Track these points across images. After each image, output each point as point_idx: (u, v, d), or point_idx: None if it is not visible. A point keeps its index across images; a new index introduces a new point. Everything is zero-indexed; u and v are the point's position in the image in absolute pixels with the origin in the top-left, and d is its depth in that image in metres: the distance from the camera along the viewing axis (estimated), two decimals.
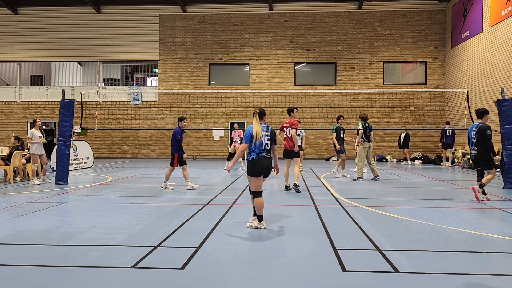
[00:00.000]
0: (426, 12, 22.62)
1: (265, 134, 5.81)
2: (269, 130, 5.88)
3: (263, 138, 5.77)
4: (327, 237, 5.26)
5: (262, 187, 5.85)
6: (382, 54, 22.75)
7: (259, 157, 5.76)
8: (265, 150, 5.81)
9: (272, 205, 7.86)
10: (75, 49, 24.01)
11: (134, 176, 13.31)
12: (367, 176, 13.35)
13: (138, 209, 7.28)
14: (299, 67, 23.25)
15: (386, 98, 22.18)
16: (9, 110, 24.28)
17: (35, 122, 11.35)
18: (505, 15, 16.23)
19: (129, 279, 3.76)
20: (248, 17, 23.19)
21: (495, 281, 3.79)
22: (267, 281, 3.74)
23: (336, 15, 22.90)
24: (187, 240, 5.12)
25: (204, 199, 8.25)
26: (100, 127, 22.56)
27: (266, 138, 5.81)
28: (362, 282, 3.71)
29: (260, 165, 5.73)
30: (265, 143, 5.80)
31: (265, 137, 5.80)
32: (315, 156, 22.62)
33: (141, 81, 31.28)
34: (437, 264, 4.22)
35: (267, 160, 5.80)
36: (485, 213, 7.02)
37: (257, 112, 5.87)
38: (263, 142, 5.77)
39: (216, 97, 22.95)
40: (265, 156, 5.80)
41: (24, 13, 24.12)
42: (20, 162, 11.79)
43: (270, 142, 5.86)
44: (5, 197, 8.76)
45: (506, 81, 16.27)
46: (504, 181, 10.28)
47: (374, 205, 7.70)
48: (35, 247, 4.85)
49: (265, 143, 5.80)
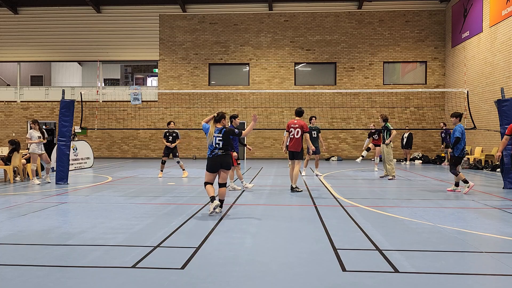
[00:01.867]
0: (426, 12, 22.62)
1: (217, 136, 6.81)
2: (222, 132, 6.84)
3: (214, 138, 6.80)
4: (327, 237, 5.26)
5: (212, 179, 6.91)
6: (382, 54, 22.75)
7: (212, 155, 6.83)
8: (217, 148, 6.81)
9: (272, 205, 7.87)
10: (75, 49, 24.01)
11: (134, 176, 13.31)
12: (368, 176, 13.36)
13: (138, 209, 7.28)
14: (299, 67, 23.26)
15: (386, 98, 22.17)
16: (9, 110, 24.29)
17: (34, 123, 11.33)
18: (505, 15, 16.24)
19: (129, 279, 3.76)
20: (248, 17, 23.19)
21: (495, 281, 3.79)
22: (267, 281, 3.74)
23: (336, 15, 22.90)
24: (187, 240, 5.12)
25: (204, 199, 8.24)
26: (100, 127, 22.56)
27: (218, 138, 6.81)
28: (362, 282, 3.71)
29: (212, 163, 6.82)
30: (216, 143, 6.80)
31: (217, 138, 6.81)
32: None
33: (141, 81, 31.28)
34: (437, 264, 4.22)
35: (220, 157, 6.81)
36: (485, 213, 7.02)
37: (214, 116, 6.99)
38: (214, 142, 6.80)
39: (216, 97, 22.96)
40: (218, 154, 6.82)
41: (24, 13, 24.12)
42: (20, 162, 11.78)
43: (222, 142, 6.81)
44: (5, 197, 8.76)
45: (506, 81, 16.27)
46: (504, 181, 10.27)
47: (374, 205, 7.70)
48: (35, 247, 4.85)
49: (216, 142, 6.80)
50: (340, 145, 22.90)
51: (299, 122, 9.47)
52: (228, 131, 6.85)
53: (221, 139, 6.81)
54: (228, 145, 6.90)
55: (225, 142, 6.85)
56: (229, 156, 6.92)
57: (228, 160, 6.89)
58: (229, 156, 6.92)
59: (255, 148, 22.76)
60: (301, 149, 9.44)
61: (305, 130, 9.37)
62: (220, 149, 6.84)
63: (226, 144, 6.87)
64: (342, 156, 22.63)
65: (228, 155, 6.89)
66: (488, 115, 17.28)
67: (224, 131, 6.84)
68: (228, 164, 6.89)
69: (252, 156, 22.97)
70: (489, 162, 16.67)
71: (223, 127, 6.92)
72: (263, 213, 7.04)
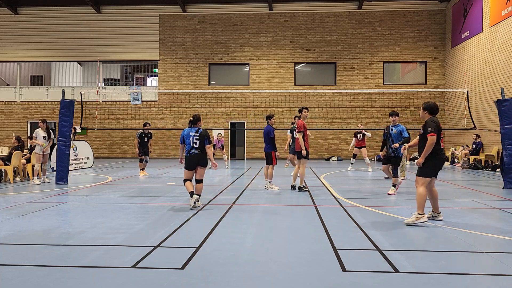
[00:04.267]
0: (426, 12, 22.62)
1: (193, 135, 7.32)
2: (199, 132, 7.33)
3: (191, 138, 7.30)
4: (327, 237, 5.26)
5: (191, 176, 7.44)
6: (382, 54, 22.75)
7: (189, 154, 7.35)
8: (194, 147, 7.31)
9: (272, 205, 7.87)
10: (75, 49, 24.01)
11: (134, 176, 13.31)
12: (368, 176, 13.35)
13: (138, 209, 7.28)
14: (299, 67, 23.26)
15: (386, 98, 22.17)
16: (9, 110, 24.29)
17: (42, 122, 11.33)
18: (505, 15, 16.24)
19: (129, 279, 3.76)
20: (248, 17, 23.20)
21: (495, 281, 3.79)
22: (267, 281, 3.74)
23: (336, 15, 22.91)
24: (187, 240, 5.12)
25: (204, 199, 8.24)
26: (100, 127, 22.56)
27: (195, 137, 7.31)
28: (362, 282, 3.71)
29: (189, 161, 7.34)
30: (193, 142, 7.29)
31: (194, 137, 7.31)
32: (315, 156, 22.60)
33: (141, 81, 31.28)
34: (437, 264, 4.22)
35: (196, 156, 7.31)
36: (485, 213, 7.02)
37: (190, 119, 7.53)
38: (191, 141, 7.29)
39: (216, 97, 22.96)
40: (195, 153, 7.32)
41: (24, 13, 24.12)
42: (20, 162, 11.78)
43: (199, 141, 7.28)
44: (5, 197, 8.76)
45: (506, 81, 16.27)
46: (504, 181, 10.27)
47: (374, 205, 7.70)
48: (35, 247, 4.85)
49: (193, 141, 7.29)
50: (340, 145, 22.90)
51: (298, 122, 9.56)
52: (204, 132, 7.37)
53: (198, 138, 7.31)
54: (204, 145, 7.35)
55: (201, 141, 7.32)
56: (205, 154, 7.38)
57: (204, 159, 7.38)
58: (205, 155, 7.38)
59: (255, 148, 22.76)
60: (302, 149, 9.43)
61: (298, 129, 9.41)
62: (197, 148, 7.33)
63: (202, 144, 7.33)
64: (342, 156, 22.62)
65: (203, 154, 7.37)
66: (488, 115, 17.28)
67: (200, 131, 7.38)
68: (203, 163, 7.39)
69: (252, 156, 22.97)
70: (489, 162, 16.67)
71: (199, 128, 7.46)
72: (263, 213, 7.04)
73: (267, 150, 9.94)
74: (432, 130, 5.86)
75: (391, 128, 9.44)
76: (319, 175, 13.59)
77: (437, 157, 5.97)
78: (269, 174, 9.93)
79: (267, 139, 9.90)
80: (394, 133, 9.32)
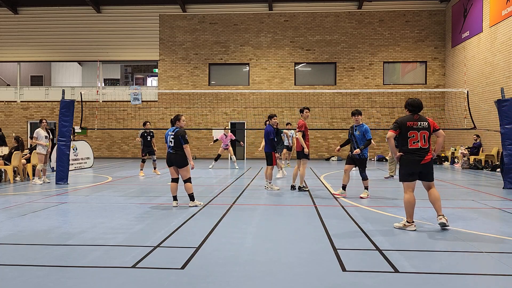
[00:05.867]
0: (426, 12, 22.62)
1: (170, 135, 7.39)
2: (174, 132, 7.39)
3: (168, 137, 7.42)
4: (327, 237, 5.26)
5: (175, 175, 7.51)
6: (382, 54, 22.75)
7: (168, 152, 7.49)
8: (170, 147, 7.41)
9: (272, 205, 7.87)
10: (75, 49, 24.01)
11: (134, 176, 13.31)
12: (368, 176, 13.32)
13: (138, 209, 7.28)
14: (299, 67, 23.26)
15: (386, 98, 22.17)
16: (9, 110, 24.29)
17: (41, 122, 11.33)
18: (505, 15, 16.23)
19: (129, 279, 3.76)
20: (248, 17, 23.20)
21: (495, 281, 3.79)
22: (267, 281, 3.74)
23: (336, 15, 22.90)
24: (187, 240, 5.12)
25: (204, 199, 8.24)
26: (100, 127, 22.56)
27: (171, 137, 7.38)
28: (362, 282, 3.71)
29: (167, 160, 7.49)
30: (170, 141, 7.40)
31: (170, 136, 7.39)
32: (315, 156, 22.61)
33: (141, 81, 31.28)
34: (437, 264, 4.22)
35: (171, 155, 7.39)
36: (485, 213, 7.02)
37: (171, 119, 7.61)
38: (168, 141, 7.44)
39: (216, 97, 22.96)
40: (170, 152, 7.42)
41: (24, 13, 24.12)
42: (20, 162, 11.78)
43: (174, 140, 7.35)
44: (5, 197, 8.76)
45: (506, 81, 16.27)
46: (504, 181, 10.27)
47: (374, 205, 7.70)
48: (35, 247, 4.85)
49: (170, 141, 7.40)
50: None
51: (299, 122, 9.53)
52: (179, 132, 7.36)
53: (173, 137, 7.37)
54: (179, 144, 7.34)
55: (176, 141, 7.34)
56: (180, 155, 7.35)
57: (178, 159, 7.36)
58: (180, 156, 7.35)
59: (255, 148, 22.75)
60: (303, 148, 9.41)
61: (298, 129, 9.40)
62: (172, 148, 7.37)
63: (177, 144, 7.34)
64: (342, 156, 22.62)
65: (178, 154, 7.35)
66: (488, 115, 17.27)
67: (176, 130, 7.41)
68: (178, 163, 7.37)
69: (252, 156, 22.97)
70: (489, 162, 16.67)
71: (176, 127, 7.48)
72: (263, 213, 7.04)
73: (267, 150, 9.94)
74: (391, 126, 5.71)
75: (354, 129, 8.67)
76: (319, 175, 13.59)
77: (405, 157, 5.67)
78: (268, 174, 9.92)
79: (267, 140, 9.89)
80: (357, 134, 8.58)
